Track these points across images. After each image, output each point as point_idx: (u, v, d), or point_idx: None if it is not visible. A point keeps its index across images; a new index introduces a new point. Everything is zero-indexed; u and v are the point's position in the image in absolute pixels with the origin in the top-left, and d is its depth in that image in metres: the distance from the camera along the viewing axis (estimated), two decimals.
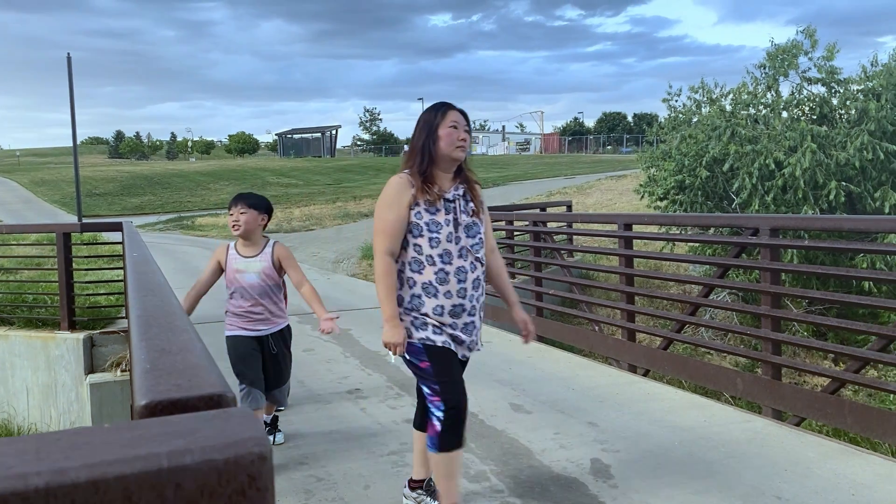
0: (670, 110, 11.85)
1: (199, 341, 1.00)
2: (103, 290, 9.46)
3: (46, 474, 0.51)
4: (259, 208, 4.20)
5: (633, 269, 5.94)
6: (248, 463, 0.56)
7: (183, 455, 0.55)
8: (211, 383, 0.76)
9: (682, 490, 3.60)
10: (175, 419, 0.63)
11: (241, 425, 0.61)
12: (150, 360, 0.87)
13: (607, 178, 30.80)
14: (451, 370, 3.04)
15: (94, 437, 0.58)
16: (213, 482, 0.55)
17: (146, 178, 43.11)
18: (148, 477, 0.53)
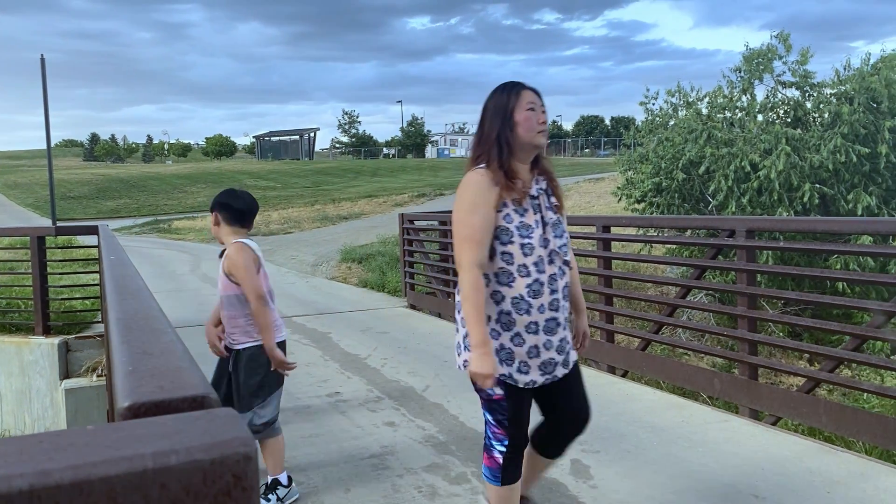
0: (647, 113, 11.97)
1: (180, 344, 1.00)
2: (78, 294, 9.36)
3: (30, 476, 0.51)
4: (212, 208, 3.66)
5: (611, 270, 5.98)
6: (234, 463, 0.56)
7: (168, 456, 0.55)
8: (194, 385, 0.75)
9: (661, 490, 3.64)
10: (159, 420, 0.63)
11: (225, 426, 0.61)
12: (131, 362, 0.86)
13: (585, 180, 30.98)
14: (524, 412, 2.78)
15: (77, 439, 0.58)
16: (199, 482, 0.55)
17: (122, 181, 42.66)
18: (132, 478, 0.53)
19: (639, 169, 11.75)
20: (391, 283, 11.70)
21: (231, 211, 3.61)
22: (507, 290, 2.62)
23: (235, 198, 3.65)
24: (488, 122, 2.70)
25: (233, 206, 3.61)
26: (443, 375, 6.04)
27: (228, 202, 3.62)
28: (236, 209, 3.60)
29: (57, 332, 8.42)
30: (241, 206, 3.62)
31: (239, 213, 3.61)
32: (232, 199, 3.63)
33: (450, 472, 3.93)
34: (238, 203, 3.62)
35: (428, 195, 30.20)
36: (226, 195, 3.67)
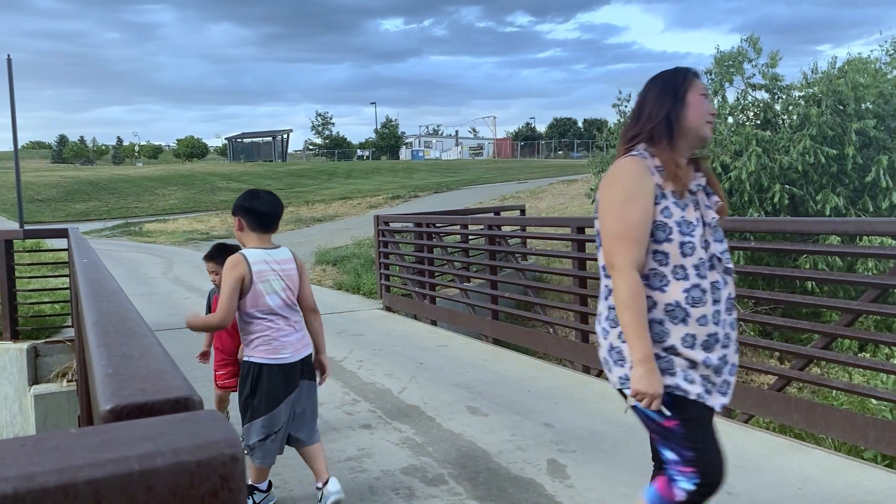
0: (620, 116, 12.06)
1: (160, 346, 0.99)
2: (47, 298, 9.21)
3: (14, 480, 0.50)
4: (234, 212, 3.49)
5: (586, 271, 6.03)
6: (221, 464, 0.56)
7: (154, 458, 0.54)
8: (177, 387, 0.75)
9: (636, 488, 3.66)
10: (143, 422, 0.63)
11: (211, 427, 0.60)
12: (111, 364, 0.86)
13: (559, 182, 31.16)
14: (709, 432, 2.35)
15: (61, 442, 0.57)
16: (185, 484, 0.55)
17: (91, 183, 42.02)
18: (118, 480, 0.53)
19: None
20: (366, 285, 11.67)
21: (254, 216, 3.39)
22: (660, 296, 2.25)
23: (258, 200, 3.42)
24: (654, 100, 2.34)
25: (256, 210, 3.39)
26: (419, 378, 6.04)
27: (252, 206, 3.40)
28: (259, 213, 3.39)
29: (26, 337, 8.27)
30: (263, 210, 3.41)
31: (261, 217, 3.40)
32: (255, 202, 3.41)
33: (427, 474, 3.93)
34: (261, 206, 3.40)
35: (403, 197, 30.17)
36: (248, 198, 3.44)
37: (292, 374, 3.41)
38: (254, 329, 3.36)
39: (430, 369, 6.31)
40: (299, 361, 3.42)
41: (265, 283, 3.34)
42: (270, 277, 3.35)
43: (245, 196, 3.46)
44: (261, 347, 3.36)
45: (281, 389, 3.36)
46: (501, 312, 7.56)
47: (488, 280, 7.64)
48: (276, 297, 3.36)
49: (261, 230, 3.41)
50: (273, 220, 3.44)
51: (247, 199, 3.44)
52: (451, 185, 34.42)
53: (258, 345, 3.36)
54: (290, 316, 3.41)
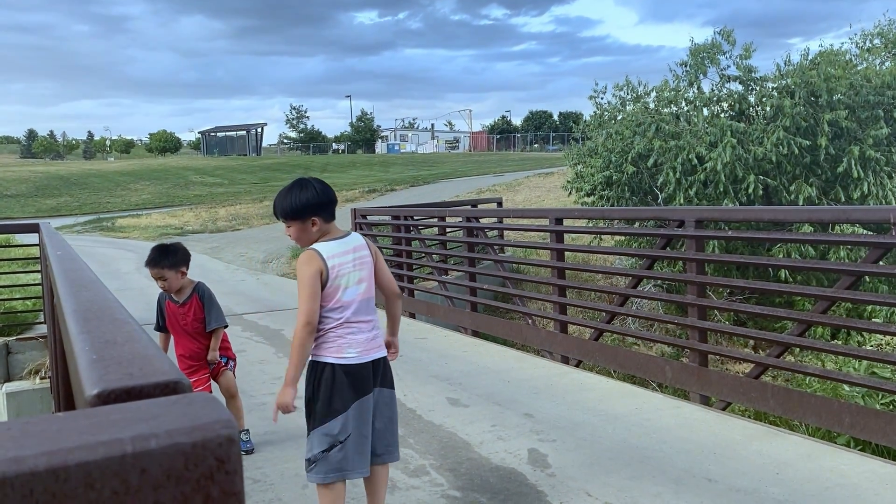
0: (596, 107, 12.13)
1: (143, 332, 0.96)
2: (18, 294, 9.04)
3: (2, 463, 0.48)
4: (300, 215, 3.11)
5: (564, 262, 6.05)
6: (216, 446, 0.54)
7: (147, 440, 0.52)
8: (164, 371, 0.73)
9: (617, 476, 3.69)
10: (133, 405, 0.61)
11: (204, 409, 0.59)
12: (95, 350, 0.83)
13: (535, 175, 31.27)
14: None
15: (48, 426, 0.55)
16: (180, 466, 0.53)
17: (62, 178, 41.33)
18: (111, 463, 0.51)
19: (588, 163, 11.90)
20: None
21: (332, 206, 3.12)
22: None
23: (327, 187, 3.15)
24: None
25: (333, 199, 3.13)
26: (398, 370, 5.99)
27: (329, 196, 3.12)
28: (335, 200, 3.14)
29: None
30: (334, 196, 3.16)
31: (334, 204, 3.14)
32: (329, 191, 3.15)
33: (408, 466, 3.92)
34: (332, 193, 3.15)
35: (379, 190, 30.08)
36: (318, 190, 3.10)
37: (361, 377, 3.11)
38: (321, 326, 3.10)
39: (409, 362, 6.30)
40: (370, 363, 3.13)
41: (343, 277, 3.08)
42: (348, 270, 3.10)
43: (313, 189, 3.11)
44: (326, 345, 3.11)
45: (347, 394, 3.07)
46: (480, 304, 7.57)
47: (467, 272, 7.64)
48: (354, 291, 3.10)
49: (333, 219, 3.15)
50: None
51: (318, 191, 3.11)
52: (427, 179, 34.38)
53: (323, 342, 3.11)
54: (362, 312, 3.14)
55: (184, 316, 4.44)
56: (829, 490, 3.44)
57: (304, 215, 3.09)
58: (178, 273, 4.38)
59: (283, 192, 3.16)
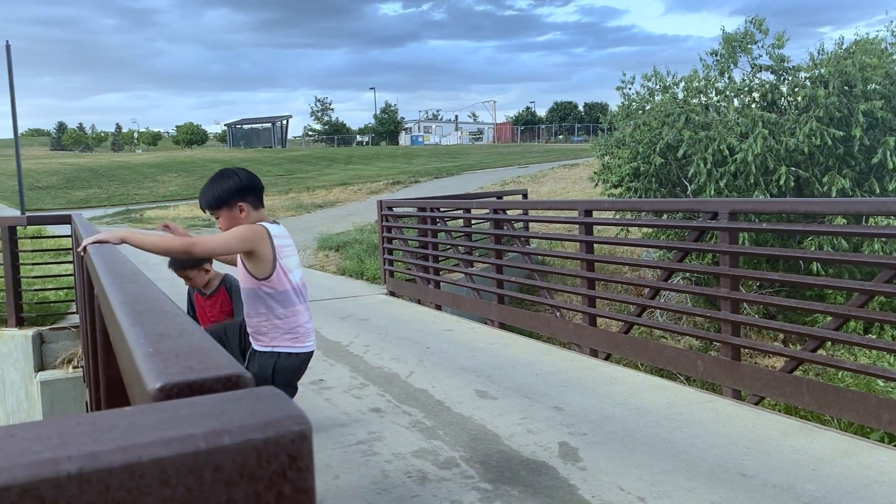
0: (624, 98, 11.99)
1: (194, 324, 0.96)
2: (51, 284, 9.18)
3: (78, 459, 0.48)
4: (230, 199, 3.15)
5: (593, 254, 6.00)
6: (289, 442, 0.53)
7: (220, 436, 0.52)
8: (225, 364, 0.72)
9: (649, 470, 3.66)
10: (200, 400, 0.60)
11: (274, 404, 0.58)
12: (150, 343, 0.83)
13: (560, 166, 31.07)
14: None
15: (119, 420, 0.55)
16: (253, 463, 0.52)
17: (91, 170, 41.88)
18: (185, 459, 0.50)
19: (616, 154, 11.79)
20: (370, 271, 11.64)
21: (258, 190, 3.17)
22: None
23: (251, 174, 3.19)
24: None
25: (259, 185, 3.18)
26: (426, 361, 6.03)
27: (253, 182, 3.16)
28: (261, 187, 3.19)
29: (31, 324, 8.26)
30: (260, 183, 3.21)
31: (261, 190, 3.20)
32: (253, 178, 3.19)
33: (438, 458, 3.92)
34: (257, 180, 3.20)
35: (403, 182, 30.08)
36: (242, 177, 3.15)
37: (306, 365, 3.26)
38: (278, 314, 3.15)
39: (436, 353, 6.30)
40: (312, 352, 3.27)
41: (288, 258, 3.14)
42: (289, 253, 3.17)
43: (235, 177, 3.16)
44: (286, 336, 3.17)
45: (296, 380, 3.23)
46: (507, 296, 7.53)
47: (494, 264, 7.61)
48: (296, 275, 3.19)
49: (262, 206, 3.20)
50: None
51: (242, 178, 3.16)
52: (451, 171, 34.32)
53: (284, 332, 3.16)
54: (306, 298, 3.25)
55: (211, 307, 4.47)
56: (868, 487, 3.38)
57: (231, 201, 3.12)
58: (202, 270, 4.41)
59: (208, 184, 3.19)
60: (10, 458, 0.47)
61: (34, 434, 0.52)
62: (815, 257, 5.08)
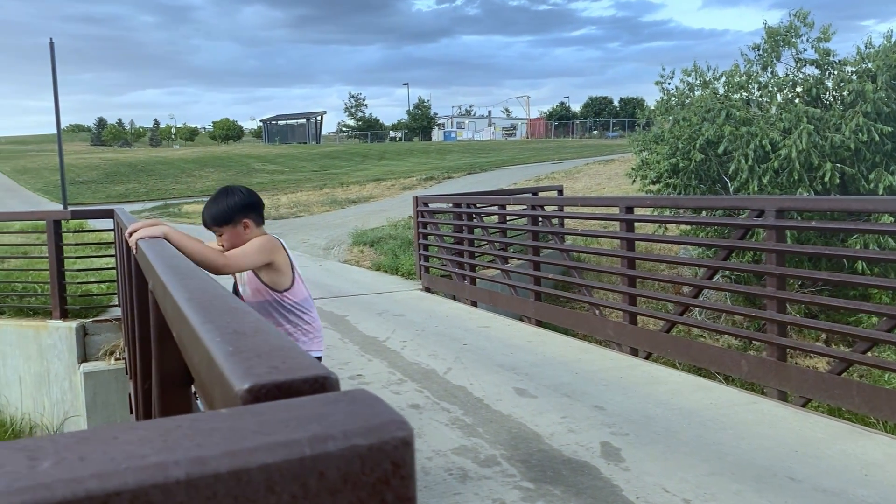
0: (663, 93, 11.82)
1: (266, 322, 0.95)
2: (94, 278, 9.35)
3: (186, 464, 0.46)
4: (232, 218, 3.19)
5: (634, 252, 5.92)
6: (392, 449, 0.51)
7: (325, 441, 0.50)
8: (309, 365, 0.71)
9: (694, 472, 3.60)
10: (296, 403, 0.59)
11: (373, 408, 0.56)
12: (227, 341, 0.82)
13: (595, 162, 30.80)
14: None
15: (216, 423, 0.53)
16: (357, 470, 0.50)
17: (130, 165, 42.64)
18: (291, 465, 0.49)
19: (654, 149, 11.64)
20: (405, 266, 11.66)
21: (260, 208, 3.25)
22: None
23: (252, 192, 3.28)
24: None
25: (260, 202, 3.27)
26: (464, 358, 6.01)
27: (255, 199, 3.24)
28: (262, 203, 3.27)
29: (74, 316, 8.42)
30: (259, 199, 3.27)
31: (262, 206, 3.27)
32: (254, 195, 3.27)
33: (479, 455, 3.90)
34: (258, 197, 3.29)
35: (436, 178, 30.09)
36: (245, 194, 3.21)
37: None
38: (307, 320, 3.21)
39: (473, 350, 6.28)
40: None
41: (298, 267, 3.25)
42: (296, 262, 3.27)
43: (239, 193, 3.20)
44: (316, 340, 3.24)
45: None
46: (544, 293, 7.48)
47: (531, 261, 7.56)
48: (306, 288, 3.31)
49: (263, 222, 3.26)
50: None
51: (245, 195, 3.21)
52: (484, 166, 34.24)
53: (314, 336, 3.23)
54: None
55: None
56: None
57: (236, 218, 3.17)
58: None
59: (211, 201, 3.24)
60: (117, 461, 0.47)
61: (136, 436, 0.51)
62: (865, 256, 4.95)
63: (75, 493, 0.43)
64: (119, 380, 7.84)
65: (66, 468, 0.45)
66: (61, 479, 0.44)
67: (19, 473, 0.45)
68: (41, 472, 0.45)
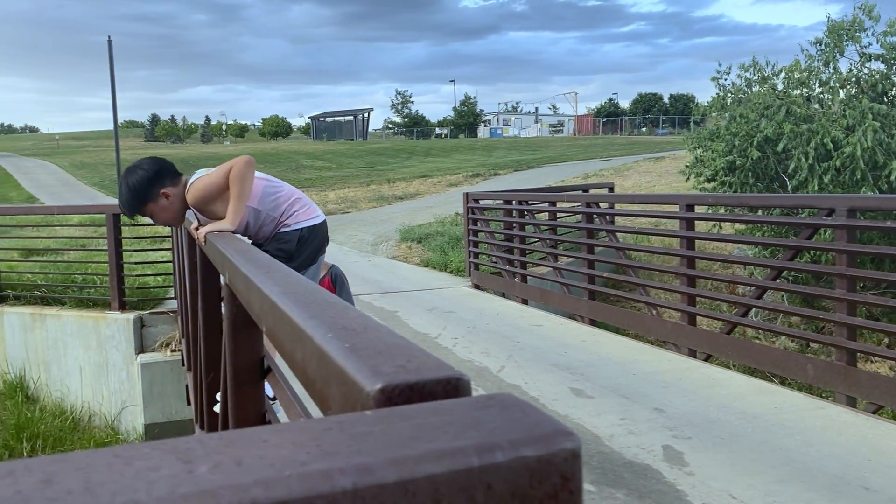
0: (719, 89, 11.55)
1: (370, 316, 0.92)
2: (150, 271, 9.54)
3: (351, 472, 0.43)
4: (153, 190, 3.29)
5: (694, 250, 5.78)
6: (562, 461, 0.47)
7: (492, 451, 0.46)
8: (437, 365, 0.67)
9: (761, 478, 3.48)
10: (443, 407, 0.55)
11: (527, 415, 0.52)
12: (340, 337, 0.78)
13: (644, 159, 30.32)
14: None
15: (368, 426, 0.50)
16: (525, 484, 0.46)
17: (182, 160, 43.41)
18: (458, 477, 0.45)
19: (709, 147, 11.37)
20: (453, 263, 11.62)
21: (169, 167, 3.33)
22: None
23: (157, 160, 3.39)
24: None
25: (166, 163, 3.34)
26: (517, 356, 5.95)
27: (162, 164, 3.29)
28: (167, 165, 3.35)
29: (132, 308, 8.60)
30: (164, 163, 3.35)
31: (169, 167, 3.36)
32: (161, 162, 3.35)
33: None
34: (160, 161, 3.36)
35: (483, 175, 29.99)
36: (153, 166, 3.23)
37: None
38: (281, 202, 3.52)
39: (526, 349, 6.22)
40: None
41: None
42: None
43: (139, 170, 3.21)
44: (305, 209, 3.55)
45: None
46: (598, 292, 7.36)
47: (585, 259, 7.46)
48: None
49: (179, 177, 3.33)
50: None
51: (147, 168, 3.23)
52: (531, 163, 34.02)
53: (296, 210, 3.50)
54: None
55: None
56: None
57: (152, 192, 3.12)
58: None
59: (120, 192, 3.21)
60: (277, 468, 0.43)
61: (286, 440, 0.48)
62: None
63: (241, 502, 0.40)
64: (174, 371, 7.98)
65: (225, 473, 0.42)
66: (224, 485, 0.41)
67: (178, 478, 0.42)
68: (201, 477, 0.42)
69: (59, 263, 10.21)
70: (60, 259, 10.53)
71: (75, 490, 0.40)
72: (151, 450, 0.46)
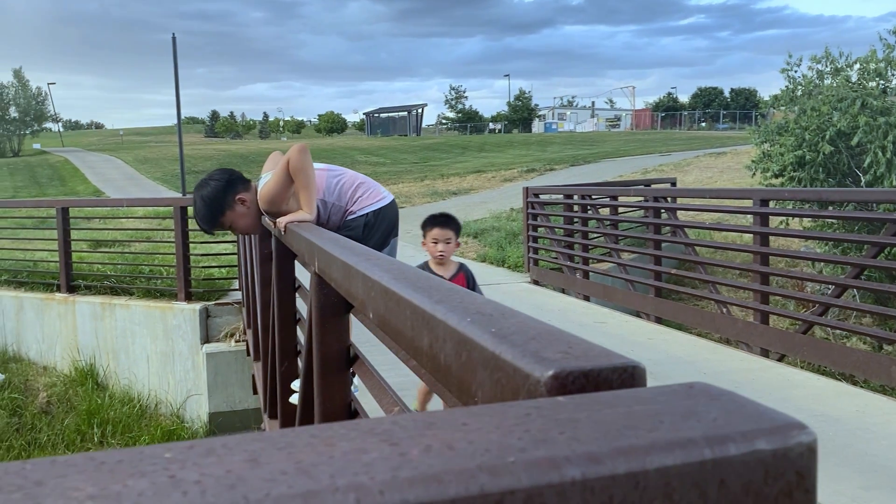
0: (789, 81, 11.17)
1: (502, 304, 0.88)
2: (214, 263, 9.73)
3: (579, 462, 0.39)
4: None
5: (768, 247, 5.60)
6: (797, 456, 0.42)
7: (724, 443, 0.41)
8: (605, 353, 0.62)
9: (848, 485, 3.34)
10: (644, 395, 0.50)
11: (746, 407, 0.47)
12: (480, 323, 0.75)
13: (705, 154, 29.63)
14: None
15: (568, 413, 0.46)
16: (759, 479, 0.42)
17: (241, 156, 44.39)
18: (689, 470, 0.40)
19: (777, 141, 11.02)
20: (511, 259, 11.54)
21: (240, 178, 3.39)
22: None
23: (229, 171, 3.45)
24: None
25: (234, 174, 3.40)
26: None
27: (234, 175, 3.38)
28: (236, 173, 3.44)
29: (198, 299, 8.78)
30: (232, 172, 3.45)
31: (238, 175, 3.43)
32: (233, 173, 3.42)
33: None
34: (227, 171, 3.43)
35: (538, 170, 29.75)
36: (225, 177, 3.25)
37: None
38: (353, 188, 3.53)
39: None
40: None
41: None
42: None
43: (212, 182, 3.20)
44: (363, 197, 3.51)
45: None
46: (664, 289, 7.20)
47: (652, 255, 7.30)
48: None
49: (249, 182, 3.30)
50: None
51: (218, 178, 3.21)
52: (587, 158, 33.60)
53: (360, 195, 3.49)
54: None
55: None
56: None
57: (227, 201, 3.07)
58: (456, 243, 4.27)
59: (196, 207, 3.15)
60: (495, 454, 0.39)
61: (489, 424, 0.44)
62: None
63: (469, 490, 0.36)
64: (238, 361, 8.12)
65: (442, 457, 0.39)
66: (447, 470, 0.37)
67: (392, 461, 0.38)
68: (417, 461, 0.38)
69: (127, 255, 10.49)
70: (128, 251, 10.82)
71: (289, 471, 0.37)
72: (348, 430, 0.43)
